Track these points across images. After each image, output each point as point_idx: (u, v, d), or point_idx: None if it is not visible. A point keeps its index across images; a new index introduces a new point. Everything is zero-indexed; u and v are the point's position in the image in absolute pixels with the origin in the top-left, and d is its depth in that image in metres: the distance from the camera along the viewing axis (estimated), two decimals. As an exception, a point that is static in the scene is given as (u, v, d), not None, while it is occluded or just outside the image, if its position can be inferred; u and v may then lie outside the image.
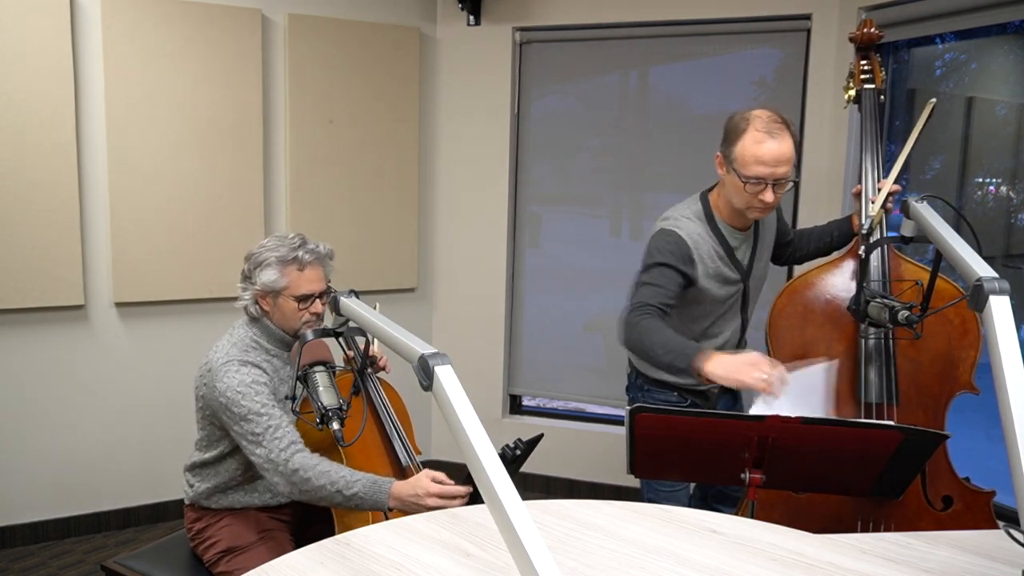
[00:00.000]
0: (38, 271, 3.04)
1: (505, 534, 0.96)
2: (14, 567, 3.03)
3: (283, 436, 1.88)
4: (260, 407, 1.89)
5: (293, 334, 2.07)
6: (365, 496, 1.83)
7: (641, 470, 1.85)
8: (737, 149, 1.96)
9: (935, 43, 3.12)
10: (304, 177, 3.51)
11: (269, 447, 1.87)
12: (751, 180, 1.94)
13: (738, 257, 2.16)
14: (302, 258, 2.00)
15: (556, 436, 3.79)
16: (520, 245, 3.91)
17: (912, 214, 1.71)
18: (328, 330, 1.59)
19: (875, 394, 2.12)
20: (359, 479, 1.84)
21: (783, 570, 1.36)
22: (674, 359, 1.88)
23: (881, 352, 2.12)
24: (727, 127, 2.02)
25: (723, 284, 2.15)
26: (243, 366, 1.94)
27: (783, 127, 1.96)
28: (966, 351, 2.09)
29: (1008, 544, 1.45)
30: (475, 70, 3.76)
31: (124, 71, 3.12)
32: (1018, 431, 1.13)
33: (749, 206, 2.01)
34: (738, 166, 1.96)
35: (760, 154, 1.92)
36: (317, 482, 1.83)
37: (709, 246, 2.11)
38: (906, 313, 1.68)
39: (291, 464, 1.85)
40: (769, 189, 1.95)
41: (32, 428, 3.16)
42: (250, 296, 2.02)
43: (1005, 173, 2.97)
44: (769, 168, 1.93)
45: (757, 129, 1.94)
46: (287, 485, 1.87)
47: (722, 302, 2.18)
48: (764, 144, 1.92)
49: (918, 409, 2.15)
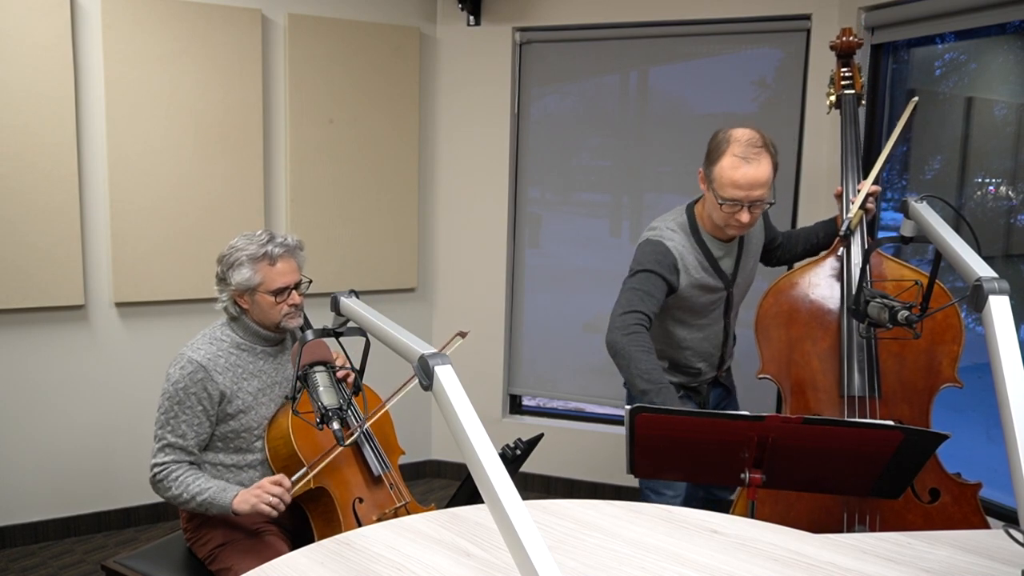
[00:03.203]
0: (38, 271, 3.04)
1: (505, 534, 0.96)
2: (14, 567, 3.03)
3: (167, 452, 2.01)
4: (171, 416, 2.01)
5: (275, 328, 2.12)
6: (213, 503, 1.97)
7: (641, 470, 1.85)
8: (716, 171, 2.05)
9: (935, 43, 3.12)
10: (304, 177, 3.51)
11: (155, 455, 2.02)
12: (727, 202, 2.03)
13: (722, 267, 2.23)
14: (272, 252, 2.05)
15: (556, 436, 3.79)
16: (520, 245, 3.91)
17: (912, 214, 1.71)
18: (328, 330, 1.59)
19: (858, 388, 2.16)
20: (210, 487, 1.98)
21: (783, 570, 1.36)
22: (645, 389, 1.98)
23: (863, 348, 2.16)
24: (710, 145, 2.10)
25: (705, 292, 2.22)
26: (189, 363, 2.02)
27: (761, 150, 2.02)
28: (948, 345, 2.13)
29: (1008, 544, 1.45)
30: (475, 70, 3.76)
31: (124, 71, 3.12)
32: (1018, 431, 1.13)
33: (727, 224, 2.10)
34: (716, 187, 2.05)
35: (736, 179, 2.00)
36: (178, 490, 1.99)
37: (694, 257, 2.19)
38: (906, 313, 1.68)
39: (159, 475, 2.01)
40: (745, 210, 2.03)
41: (32, 428, 3.16)
42: (228, 297, 2.08)
43: (1005, 173, 2.97)
44: (744, 192, 2.01)
45: (735, 154, 2.01)
46: (158, 490, 2.03)
47: (704, 307, 2.26)
48: (740, 169, 2.00)
49: (903, 403, 2.18)
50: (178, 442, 2.01)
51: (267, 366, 2.14)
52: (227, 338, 2.10)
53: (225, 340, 2.09)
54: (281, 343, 2.20)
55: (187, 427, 2.01)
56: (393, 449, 2.32)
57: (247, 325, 2.11)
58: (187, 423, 2.00)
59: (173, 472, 2.00)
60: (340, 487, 2.09)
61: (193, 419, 2.01)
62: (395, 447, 2.33)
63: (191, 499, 1.97)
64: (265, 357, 2.14)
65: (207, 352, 2.04)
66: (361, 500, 2.11)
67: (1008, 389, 1.17)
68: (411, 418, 3.92)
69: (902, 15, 2.95)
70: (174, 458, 2.01)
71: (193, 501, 1.97)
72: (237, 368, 2.07)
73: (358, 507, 2.09)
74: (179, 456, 2.01)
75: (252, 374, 2.10)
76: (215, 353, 2.05)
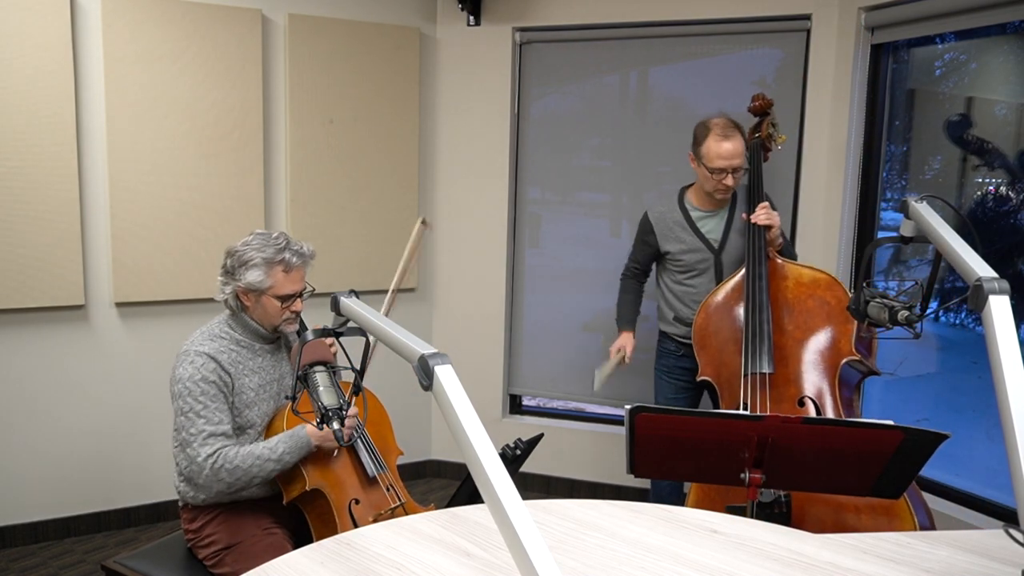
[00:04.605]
0: (38, 271, 3.04)
1: (505, 534, 0.96)
2: (14, 567, 3.03)
3: (213, 442, 1.97)
4: (201, 408, 1.98)
5: (272, 330, 2.13)
6: (290, 448, 1.99)
7: (641, 470, 1.85)
8: (703, 149, 2.67)
9: (935, 43, 3.12)
10: (304, 177, 3.51)
11: (199, 450, 1.96)
12: (715, 171, 2.64)
13: (701, 229, 2.78)
14: (289, 261, 2.07)
15: (556, 436, 3.79)
16: (520, 245, 3.91)
17: (911, 214, 1.71)
18: (328, 330, 1.59)
19: (757, 366, 2.43)
20: (278, 439, 1.99)
21: (783, 570, 1.36)
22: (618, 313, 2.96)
23: (759, 329, 2.47)
24: (695, 132, 2.72)
25: (688, 251, 2.79)
26: (198, 356, 2.01)
27: (735, 129, 2.65)
28: (843, 325, 2.42)
29: (1008, 544, 1.45)
30: (475, 70, 3.76)
31: (124, 71, 3.12)
32: (1018, 431, 1.13)
33: (715, 188, 2.69)
34: (705, 161, 2.66)
35: (720, 151, 2.61)
36: (245, 463, 1.96)
37: (670, 218, 2.83)
38: (906, 313, 1.68)
39: (216, 463, 1.95)
40: (729, 175, 2.63)
41: (32, 428, 3.16)
42: (231, 291, 2.08)
43: (1005, 173, 2.97)
44: (727, 161, 2.61)
45: (716, 134, 2.63)
46: (216, 483, 1.97)
47: (690, 265, 2.79)
48: (723, 144, 2.61)
49: (809, 375, 2.42)
50: (218, 428, 1.99)
51: (266, 363, 2.14)
52: (226, 335, 2.10)
53: (225, 337, 2.09)
54: (277, 340, 2.21)
55: (220, 413, 2.00)
56: (391, 450, 2.32)
57: (246, 322, 2.12)
58: (217, 409, 2.00)
59: (228, 452, 1.97)
60: (336, 489, 2.09)
61: (221, 405, 2.01)
62: (393, 447, 2.33)
63: (265, 462, 1.97)
64: (264, 354, 2.14)
65: (211, 347, 2.05)
66: (357, 501, 2.11)
67: (1008, 389, 1.17)
68: (411, 418, 3.92)
69: (902, 15, 2.95)
70: (222, 443, 1.98)
71: (269, 463, 1.97)
72: (239, 364, 2.08)
73: (354, 508, 2.09)
74: (224, 441, 1.99)
75: (253, 370, 2.10)
76: (218, 349, 2.06)
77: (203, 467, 1.96)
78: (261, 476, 1.99)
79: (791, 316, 2.49)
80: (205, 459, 1.96)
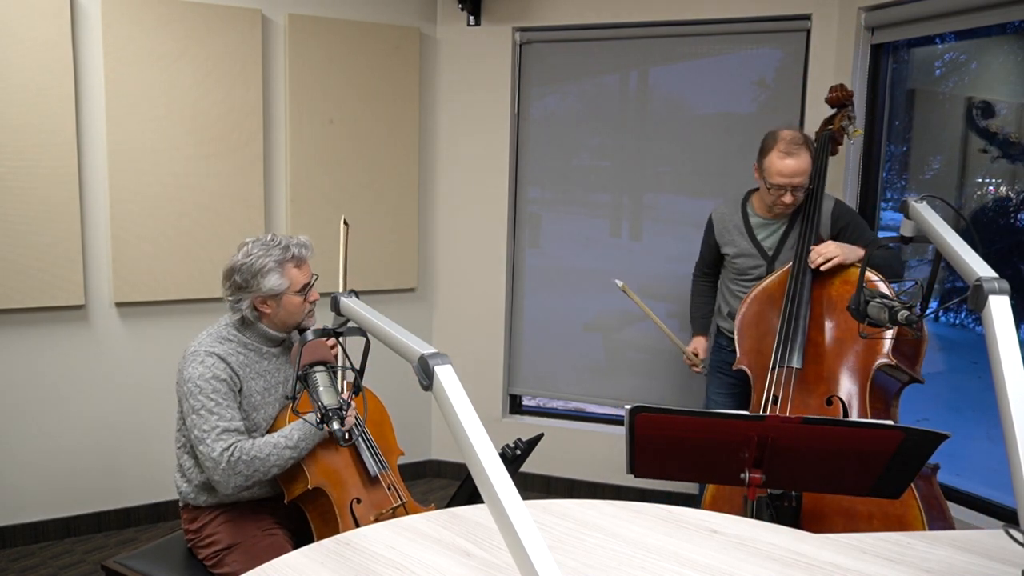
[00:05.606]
0: (38, 271, 3.04)
1: (505, 534, 0.96)
2: (14, 567, 3.03)
3: (227, 437, 1.97)
4: (213, 405, 1.97)
5: (294, 328, 2.14)
6: (305, 435, 2.01)
7: (641, 470, 1.85)
8: (765, 163, 2.56)
9: (935, 43, 3.12)
10: (304, 177, 3.51)
11: (213, 446, 1.95)
12: (774, 187, 2.56)
13: (757, 236, 2.73)
14: (298, 255, 2.10)
15: (556, 436, 3.79)
16: (520, 245, 3.91)
17: (911, 214, 1.71)
18: (328, 330, 1.59)
19: (787, 360, 2.41)
20: (292, 427, 2.02)
21: (783, 570, 1.36)
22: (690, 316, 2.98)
23: (795, 323, 2.44)
24: (763, 141, 2.61)
25: (742, 255, 2.75)
26: (208, 356, 2.02)
27: (802, 146, 2.52)
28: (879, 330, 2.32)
29: (1008, 544, 1.45)
30: (475, 70, 3.76)
31: (124, 71, 3.12)
32: (1018, 431, 1.13)
33: (774, 203, 2.62)
34: (766, 175, 2.57)
35: (781, 168, 2.51)
36: (262, 452, 1.97)
37: (731, 221, 2.79)
38: (906, 313, 1.68)
39: (233, 456, 1.95)
40: (788, 194, 2.55)
41: (32, 428, 3.16)
42: (248, 304, 2.07)
43: (1005, 173, 2.98)
44: (787, 179, 2.52)
45: (780, 150, 2.52)
46: (233, 477, 1.96)
47: (745, 270, 2.76)
48: (784, 161, 2.51)
49: (841, 375, 2.37)
50: (231, 424, 1.99)
51: (271, 366, 2.14)
52: (234, 338, 2.10)
53: (232, 340, 2.09)
54: (283, 343, 2.20)
55: (231, 410, 2.00)
56: (392, 449, 2.32)
57: (260, 329, 2.11)
58: (228, 406, 2.00)
59: (243, 444, 1.97)
60: (337, 488, 2.09)
61: (232, 403, 2.01)
62: (394, 447, 2.33)
63: (283, 450, 1.98)
64: (270, 358, 2.14)
65: (221, 349, 2.05)
66: (359, 501, 2.11)
67: (1008, 389, 1.17)
68: (411, 418, 3.92)
69: (902, 15, 2.95)
70: (235, 438, 1.98)
71: (286, 450, 1.98)
72: (247, 367, 2.08)
73: (355, 508, 2.09)
74: (237, 436, 1.99)
75: (259, 373, 2.10)
76: (227, 351, 2.05)
77: (219, 462, 1.95)
78: (279, 465, 1.99)
79: (832, 314, 2.44)
80: (221, 454, 1.95)
